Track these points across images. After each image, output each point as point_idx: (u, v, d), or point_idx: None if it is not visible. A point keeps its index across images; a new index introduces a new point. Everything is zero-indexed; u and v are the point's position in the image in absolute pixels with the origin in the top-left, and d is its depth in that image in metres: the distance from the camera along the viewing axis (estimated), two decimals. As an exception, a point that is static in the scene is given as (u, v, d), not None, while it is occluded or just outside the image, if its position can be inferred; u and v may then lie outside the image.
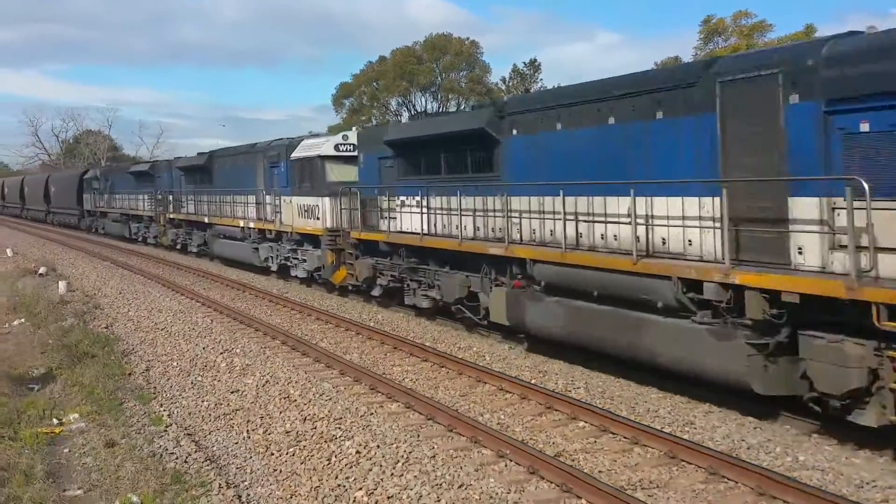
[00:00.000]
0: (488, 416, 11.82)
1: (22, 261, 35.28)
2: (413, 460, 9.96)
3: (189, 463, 10.31)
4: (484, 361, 15.02)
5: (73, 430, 11.94)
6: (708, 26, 65.18)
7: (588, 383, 13.35)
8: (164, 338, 18.29)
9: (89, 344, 17.21)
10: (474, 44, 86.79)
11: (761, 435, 10.56)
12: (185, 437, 11.37)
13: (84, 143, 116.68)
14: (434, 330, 18.26)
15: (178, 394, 13.74)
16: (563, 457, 9.95)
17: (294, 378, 14.17)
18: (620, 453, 10.12)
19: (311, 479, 9.62)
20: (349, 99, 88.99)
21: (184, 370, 15.26)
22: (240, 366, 15.32)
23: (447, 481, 9.27)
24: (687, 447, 9.82)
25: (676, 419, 11.33)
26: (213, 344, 17.34)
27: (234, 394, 13.49)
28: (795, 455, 9.81)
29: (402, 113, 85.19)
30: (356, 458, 10.15)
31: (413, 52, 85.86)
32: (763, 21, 62.24)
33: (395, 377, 14.08)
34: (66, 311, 21.74)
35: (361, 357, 15.78)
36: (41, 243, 46.54)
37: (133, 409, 12.83)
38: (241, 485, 9.66)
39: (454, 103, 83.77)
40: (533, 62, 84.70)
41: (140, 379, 14.78)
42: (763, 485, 8.67)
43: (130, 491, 9.29)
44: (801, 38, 54.17)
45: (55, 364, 15.65)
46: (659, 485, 9.11)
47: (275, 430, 11.54)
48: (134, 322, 20.38)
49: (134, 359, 16.41)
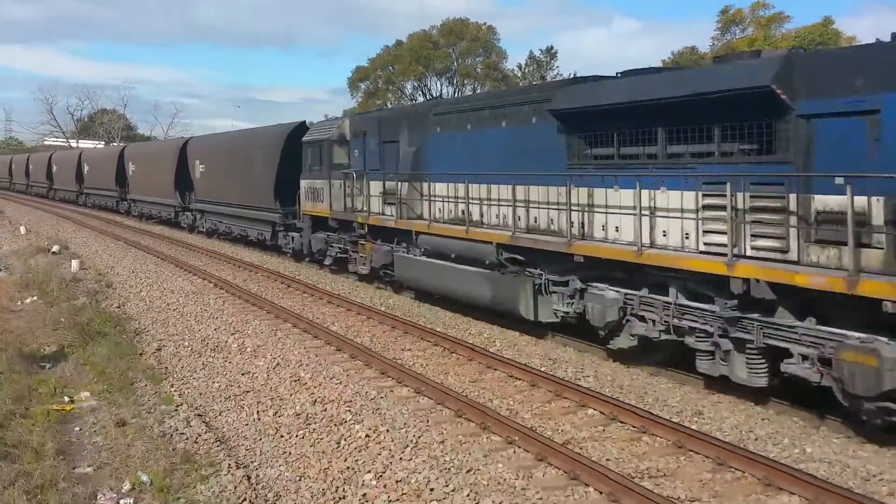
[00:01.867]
0: (498, 402, 11.85)
1: (35, 238, 35.43)
2: (422, 445, 10.01)
3: (199, 443, 10.37)
4: (494, 348, 15.04)
5: (84, 408, 12.03)
6: (725, 16, 64.84)
7: (598, 372, 13.37)
8: (176, 318, 18.38)
9: (101, 323, 17.32)
10: (491, 29, 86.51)
11: (770, 426, 10.55)
12: (196, 417, 11.44)
13: (98, 121, 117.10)
14: (445, 316, 18.29)
15: (190, 374, 13.81)
16: (571, 444, 9.98)
17: (305, 361, 14.23)
18: (628, 442, 10.14)
19: (320, 461, 9.68)
20: (365, 82, 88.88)
21: (195, 351, 15.34)
22: (251, 347, 15.39)
23: (456, 466, 9.32)
24: (695, 437, 9.82)
25: (685, 409, 11.34)
26: (225, 325, 17.41)
27: (244, 375, 13.55)
28: (803, 447, 9.81)
29: (417, 97, 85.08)
30: (365, 442, 10.20)
31: (429, 37, 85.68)
32: (781, 12, 61.96)
33: (405, 362, 14.12)
34: (78, 290, 21.84)
35: (372, 341, 15.82)
36: (54, 220, 46.71)
37: (144, 388, 12.91)
38: (251, 465, 9.73)
39: (470, 88, 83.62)
40: (549, 49, 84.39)
41: (151, 359, 14.86)
42: (770, 476, 8.67)
43: (140, 470, 9.36)
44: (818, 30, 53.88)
45: (67, 342, 15.74)
46: (666, 474, 9.12)
47: (285, 412, 11.60)
48: (146, 302, 20.48)
49: (146, 338, 16.50)
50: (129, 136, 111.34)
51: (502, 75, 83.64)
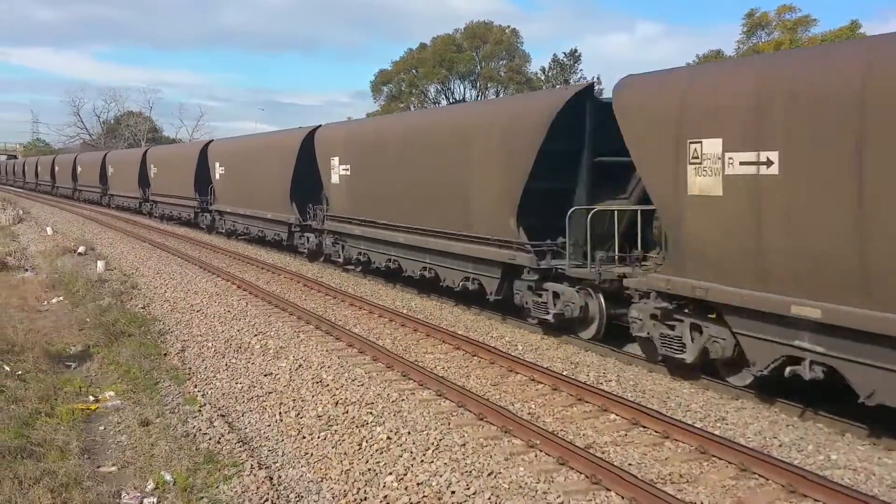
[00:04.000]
0: (519, 405, 11.84)
1: (61, 239, 35.75)
2: (443, 447, 10.01)
3: (222, 444, 10.43)
4: (516, 351, 15.03)
5: (108, 407, 12.14)
6: (751, 20, 64.47)
7: (620, 376, 13.33)
8: (199, 319, 18.49)
9: (126, 323, 17.45)
10: (514, 32, 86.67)
11: (794, 433, 10.48)
12: (219, 417, 11.50)
13: (125, 124, 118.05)
14: (467, 318, 18.29)
15: (213, 375, 13.89)
16: (593, 449, 9.95)
17: (327, 362, 14.27)
18: (651, 447, 10.10)
19: (341, 462, 9.70)
20: (388, 85, 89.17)
21: (218, 352, 15.42)
22: (274, 349, 15.46)
23: (477, 469, 9.32)
24: (718, 442, 9.77)
25: (709, 414, 11.28)
26: (248, 326, 17.50)
27: (267, 376, 13.61)
28: (828, 454, 9.74)
29: (440, 100, 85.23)
30: (387, 444, 10.22)
31: (453, 40, 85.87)
32: (807, 16, 61.52)
33: (427, 364, 14.14)
34: (103, 290, 22.01)
35: (394, 343, 15.84)
36: (80, 221, 47.08)
37: (168, 388, 13.00)
38: (273, 466, 9.77)
39: (493, 92, 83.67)
40: (573, 52, 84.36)
41: (175, 359, 14.95)
42: (794, 482, 8.61)
43: (164, 469, 9.44)
44: (845, 33, 53.45)
45: (92, 342, 15.89)
46: (689, 479, 9.08)
47: (307, 413, 11.64)
48: (170, 303, 20.60)
49: (170, 339, 16.61)
50: (153, 138, 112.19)
51: (525, 78, 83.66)
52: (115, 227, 43.52)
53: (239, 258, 29.88)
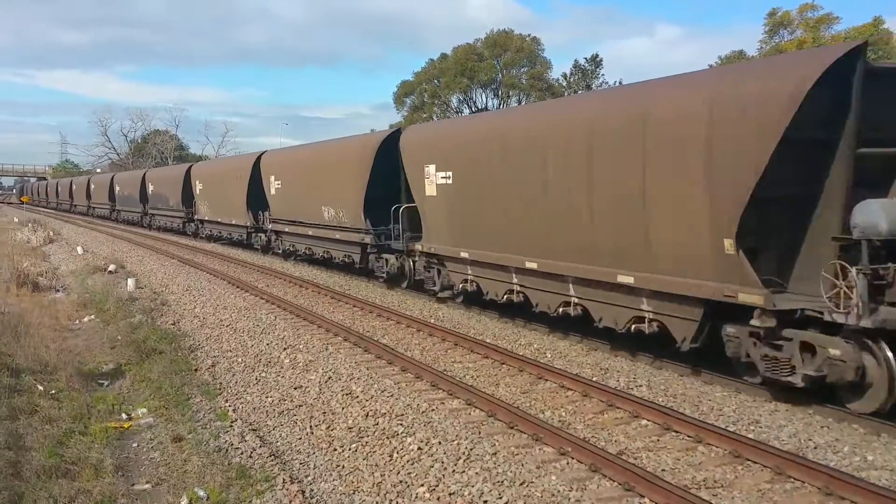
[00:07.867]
0: (549, 413, 11.79)
1: (91, 258, 36.07)
2: (474, 457, 9.98)
3: (254, 458, 10.46)
4: (545, 358, 14.98)
5: (141, 424, 12.21)
6: (773, 19, 64.13)
7: (651, 381, 13.24)
8: (229, 334, 18.57)
9: (157, 340, 17.57)
10: (535, 40, 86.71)
11: (829, 434, 10.37)
12: (250, 432, 11.54)
13: (152, 142, 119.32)
14: (494, 326, 18.25)
15: (243, 389, 13.94)
16: (625, 455, 9.88)
17: (356, 374, 14.28)
18: (684, 452, 10.02)
19: (373, 474, 9.70)
20: (410, 97, 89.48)
21: (248, 366, 15.48)
22: (303, 362, 15.49)
23: (509, 478, 9.28)
24: (752, 446, 9.68)
25: (741, 418, 11.18)
26: (277, 340, 17.56)
27: (297, 390, 13.64)
28: (864, 455, 9.62)
29: (462, 110, 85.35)
30: (418, 455, 10.20)
31: (474, 50, 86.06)
32: (829, 14, 61.16)
33: (455, 373, 14.12)
34: (134, 308, 22.18)
35: (422, 353, 15.84)
36: (110, 241, 47.49)
37: (199, 404, 13.06)
38: (305, 480, 9.78)
39: (515, 100, 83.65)
40: (594, 58, 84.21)
41: (206, 375, 15.03)
42: (830, 485, 8.52)
43: (197, 485, 9.47)
44: (868, 30, 52.98)
45: (124, 360, 16.01)
46: (724, 484, 8.99)
47: (337, 426, 11.65)
48: (200, 318, 20.72)
49: (200, 355, 16.69)
50: (180, 156, 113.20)
51: (547, 85, 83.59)
52: (145, 245, 43.82)
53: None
